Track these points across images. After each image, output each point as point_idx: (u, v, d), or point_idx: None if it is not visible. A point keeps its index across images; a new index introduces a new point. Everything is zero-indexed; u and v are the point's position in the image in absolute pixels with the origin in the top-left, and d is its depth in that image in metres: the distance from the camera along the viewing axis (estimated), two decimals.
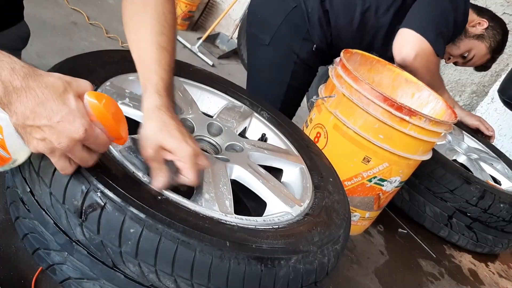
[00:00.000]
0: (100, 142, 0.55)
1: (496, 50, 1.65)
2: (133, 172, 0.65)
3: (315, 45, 1.55)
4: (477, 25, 1.58)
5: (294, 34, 1.55)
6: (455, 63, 1.72)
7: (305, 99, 3.50)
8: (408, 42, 1.35)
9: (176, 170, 0.66)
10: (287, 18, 1.53)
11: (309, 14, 1.50)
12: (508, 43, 3.04)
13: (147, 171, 0.68)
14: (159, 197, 0.62)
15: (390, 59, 1.43)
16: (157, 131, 0.65)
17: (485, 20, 1.58)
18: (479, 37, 1.60)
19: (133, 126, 0.78)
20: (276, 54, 1.60)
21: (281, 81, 1.62)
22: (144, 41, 0.74)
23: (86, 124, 0.52)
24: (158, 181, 0.64)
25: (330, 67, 1.22)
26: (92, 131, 0.53)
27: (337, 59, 1.20)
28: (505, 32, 1.64)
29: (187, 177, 0.65)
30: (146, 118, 0.68)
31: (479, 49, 1.62)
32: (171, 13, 0.78)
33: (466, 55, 1.64)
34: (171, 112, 0.69)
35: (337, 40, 1.54)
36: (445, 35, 1.39)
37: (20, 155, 0.59)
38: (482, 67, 1.74)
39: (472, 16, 1.58)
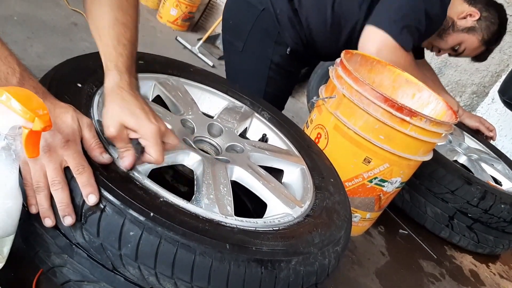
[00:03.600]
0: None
1: (491, 42, 1.53)
2: (133, 174, 0.65)
3: (289, 48, 1.51)
4: (468, 16, 1.47)
5: (265, 39, 1.51)
6: (449, 54, 1.63)
7: (305, 100, 3.50)
8: (370, 39, 1.31)
9: (142, 149, 0.65)
10: (257, 23, 1.49)
11: (278, 15, 1.46)
12: (508, 44, 3.03)
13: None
14: (161, 199, 0.62)
15: None
16: (118, 110, 0.65)
17: (477, 11, 1.46)
18: (469, 30, 1.49)
19: None
20: (250, 61, 1.56)
21: (257, 89, 1.57)
22: (102, 18, 0.72)
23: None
24: (124, 160, 0.64)
25: (331, 68, 1.22)
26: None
27: (338, 60, 1.20)
28: (502, 21, 1.51)
29: (151, 155, 0.65)
30: (107, 96, 0.67)
31: (470, 42, 1.51)
32: None
33: (456, 48, 1.54)
34: (133, 90, 0.68)
35: (311, 40, 1.49)
36: (413, 28, 1.32)
37: None
38: (478, 58, 1.63)
39: (463, 7, 1.48)
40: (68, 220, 0.57)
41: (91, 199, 0.56)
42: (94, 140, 0.63)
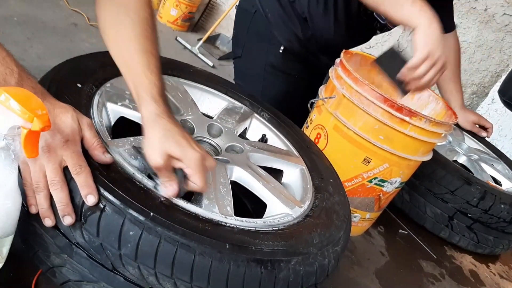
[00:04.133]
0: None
1: None
2: (133, 174, 0.65)
3: (282, 46, 1.50)
4: None
5: (260, 40, 1.52)
6: None
7: None
8: None
9: (184, 177, 0.65)
10: (251, 26, 1.51)
11: (268, 14, 1.46)
12: (508, 44, 3.03)
13: (147, 172, 0.68)
14: (161, 199, 0.62)
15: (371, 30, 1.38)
16: (164, 140, 0.65)
17: None
18: None
19: (132, 127, 0.78)
20: (248, 65, 1.58)
21: (255, 92, 1.50)
22: (129, 46, 0.72)
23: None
24: (169, 190, 0.63)
25: (330, 68, 1.22)
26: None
27: (337, 60, 1.20)
28: None
29: (196, 183, 0.65)
30: (149, 127, 0.66)
31: None
32: (152, 16, 0.76)
33: None
34: (172, 118, 0.68)
35: (313, 29, 1.44)
36: None
37: None
38: None
39: None
40: (67, 220, 0.57)
41: (89, 200, 0.56)
42: (96, 140, 0.63)
